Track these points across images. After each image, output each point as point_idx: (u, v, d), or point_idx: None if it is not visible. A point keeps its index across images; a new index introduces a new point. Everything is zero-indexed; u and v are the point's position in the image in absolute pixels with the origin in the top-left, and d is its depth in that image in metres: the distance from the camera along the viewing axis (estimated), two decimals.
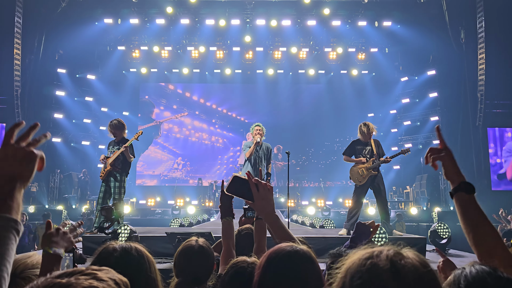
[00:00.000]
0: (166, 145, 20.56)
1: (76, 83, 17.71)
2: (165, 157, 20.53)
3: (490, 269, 1.15)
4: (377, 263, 0.85)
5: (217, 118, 20.77)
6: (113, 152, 6.92)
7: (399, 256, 0.86)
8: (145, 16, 17.02)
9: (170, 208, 15.32)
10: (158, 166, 20.42)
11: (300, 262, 1.30)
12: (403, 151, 7.12)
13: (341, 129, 19.29)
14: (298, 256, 1.32)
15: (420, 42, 16.44)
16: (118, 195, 6.77)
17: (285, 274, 1.28)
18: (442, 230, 7.31)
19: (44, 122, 16.55)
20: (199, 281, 2.18)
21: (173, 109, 20.62)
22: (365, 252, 0.90)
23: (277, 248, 1.36)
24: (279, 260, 1.30)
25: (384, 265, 0.84)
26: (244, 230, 3.16)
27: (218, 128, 20.58)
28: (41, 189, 15.12)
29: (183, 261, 2.23)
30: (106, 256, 1.48)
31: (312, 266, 1.32)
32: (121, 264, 1.38)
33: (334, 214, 14.70)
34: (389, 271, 0.83)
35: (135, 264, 1.45)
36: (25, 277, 1.49)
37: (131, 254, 1.47)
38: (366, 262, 0.86)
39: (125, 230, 6.04)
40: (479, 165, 15.25)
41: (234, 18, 17.05)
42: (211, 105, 20.77)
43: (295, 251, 1.33)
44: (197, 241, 2.34)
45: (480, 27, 14.57)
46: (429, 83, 17.26)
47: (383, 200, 7.06)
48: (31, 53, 15.43)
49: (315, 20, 17.11)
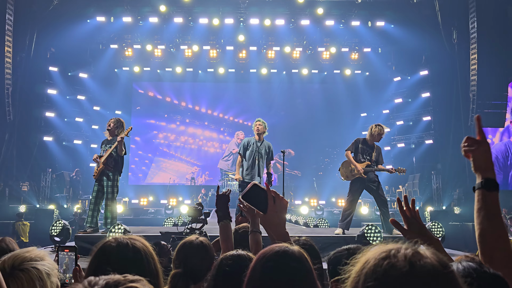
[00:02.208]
0: (183, 157, 20.47)
1: (68, 82, 17.54)
2: (185, 168, 20.45)
3: (477, 265, 1.17)
4: (394, 264, 0.80)
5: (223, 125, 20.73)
6: (105, 150, 6.89)
7: (418, 257, 0.82)
8: (138, 15, 16.91)
9: (163, 208, 15.27)
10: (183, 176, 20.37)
11: (288, 261, 1.30)
12: (400, 170, 7.11)
13: (334, 128, 19.33)
14: (287, 255, 1.31)
15: (413, 42, 16.52)
16: (111, 194, 6.73)
17: (273, 273, 1.28)
18: (436, 229, 7.36)
19: (36, 120, 16.42)
20: (197, 276, 2.17)
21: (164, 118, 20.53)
22: (381, 250, 0.85)
23: (267, 248, 1.37)
24: (267, 260, 1.30)
25: (403, 267, 0.79)
26: (241, 228, 3.20)
27: (227, 136, 20.57)
28: (32, 189, 14.99)
29: (182, 254, 2.25)
30: (105, 253, 1.45)
31: (301, 265, 1.31)
32: (120, 261, 1.38)
33: (327, 213, 14.74)
34: (408, 273, 0.79)
35: (136, 260, 1.41)
36: (24, 269, 1.50)
37: (130, 250, 1.43)
38: (383, 263, 0.81)
39: (119, 229, 6.00)
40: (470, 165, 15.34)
41: (228, 17, 17.01)
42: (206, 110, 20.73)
43: (284, 251, 1.33)
44: (198, 238, 2.36)
45: (472, 27, 14.67)
46: (421, 83, 17.36)
47: (382, 200, 7.07)
48: (22, 51, 15.26)
49: (308, 19, 17.13)
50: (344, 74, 19.16)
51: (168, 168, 20.34)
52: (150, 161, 20.35)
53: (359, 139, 7.33)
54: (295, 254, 1.33)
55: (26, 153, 15.58)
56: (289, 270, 1.28)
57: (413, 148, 17.47)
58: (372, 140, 7.21)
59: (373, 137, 7.16)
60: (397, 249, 0.84)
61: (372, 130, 7.16)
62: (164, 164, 20.43)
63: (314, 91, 20.24)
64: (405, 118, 18.00)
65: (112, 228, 6.04)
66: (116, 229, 5.99)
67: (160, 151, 20.48)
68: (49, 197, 15.06)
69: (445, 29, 15.69)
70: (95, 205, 6.80)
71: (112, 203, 6.72)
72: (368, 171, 7.04)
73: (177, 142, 20.54)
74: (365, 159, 7.13)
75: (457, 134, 15.75)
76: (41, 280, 1.51)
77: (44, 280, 1.52)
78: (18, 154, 15.24)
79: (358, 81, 19.37)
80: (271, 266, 1.28)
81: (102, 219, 7.07)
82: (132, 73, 19.10)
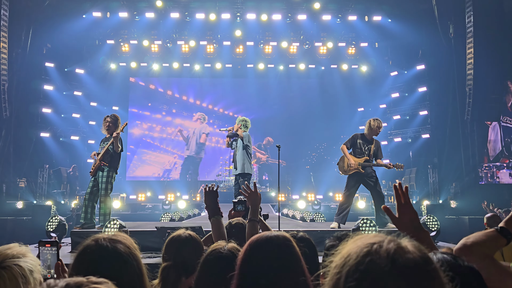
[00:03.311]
0: (169, 148, 20.38)
1: (64, 77, 17.47)
2: (171, 159, 20.38)
3: (451, 257, 1.19)
4: (376, 262, 0.78)
5: (214, 118, 20.67)
6: (103, 148, 6.90)
7: (400, 252, 0.80)
8: (134, 10, 16.85)
9: (161, 203, 15.28)
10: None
11: (273, 247, 1.39)
12: (398, 166, 7.16)
13: (332, 123, 19.35)
14: (271, 241, 1.41)
15: (410, 36, 16.51)
16: (105, 190, 6.74)
17: (263, 256, 1.37)
18: (431, 223, 7.40)
19: (32, 116, 16.37)
20: (188, 268, 2.19)
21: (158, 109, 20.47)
22: (363, 245, 0.83)
23: (258, 235, 1.46)
24: (258, 244, 1.40)
25: (385, 265, 0.78)
26: (234, 221, 3.24)
27: (216, 128, 20.40)
28: (29, 185, 14.98)
29: (171, 248, 2.27)
30: (87, 253, 1.44)
31: (289, 249, 1.40)
32: (104, 260, 1.38)
33: (325, 208, 14.78)
34: (390, 271, 0.77)
35: (119, 259, 1.40)
36: (6, 266, 1.47)
37: (111, 250, 1.42)
38: (365, 260, 0.79)
39: (114, 225, 6.01)
40: (467, 160, 15.42)
41: (225, 12, 16.97)
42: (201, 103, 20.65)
43: (267, 237, 1.43)
44: (185, 232, 2.38)
45: (468, 21, 14.68)
46: (418, 77, 17.38)
47: (378, 194, 7.09)
48: (18, 46, 15.19)
49: (305, 14, 17.10)
50: (341, 69, 19.14)
51: (152, 161, 20.20)
52: (132, 153, 20.13)
53: (357, 134, 7.34)
54: (279, 239, 1.40)
55: (23, 149, 15.55)
56: (273, 255, 1.36)
57: (410, 142, 17.50)
58: (371, 134, 7.23)
59: (372, 131, 7.17)
60: (380, 244, 0.82)
61: (371, 124, 7.17)
62: (148, 157, 20.23)
63: (311, 86, 20.22)
64: (402, 113, 18.03)
65: (108, 223, 6.05)
66: (111, 225, 6.00)
67: (143, 142, 20.22)
68: (46, 193, 15.05)
69: (442, 23, 15.68)
70: (89, 201, 6.80)
71: (106, 199, 6.73)
72: (366, 165, 7.06)
73: (163, 133, 20.42)
74: (363, 154, 7.14)
75: (453, 128, 15.80)
76: (24, 277, 1.48)
77: (27, 277, 1.49)
78: (15, 151, 15.22)
79: (355, 75, 19.37)
80: (261, 249, 1.38)
81: (98, 215, 7.08)
82: (129, 69, 19.03)
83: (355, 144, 7.23)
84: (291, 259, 1.38)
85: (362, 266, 0.78)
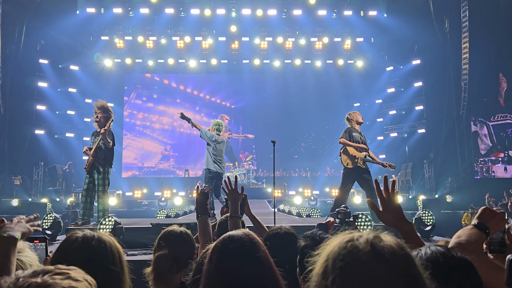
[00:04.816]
0: (155, 135, 20.37)
1: (58, 74, 17.34)
2: (157, 148, 20.39)
3: (444, 249, 1.21)
4: (357, 246, 0.89)
5: (201, 106, 20.63)
6: (94, 142, 6.83)
7: (378, 239, 0.90)
8: (128, 5, 16.74)
9: (157, 200, 15.26)
10: (151, 158, 20.29)
11: (233, 246, 1.43)
12: (391, 166, 7.18)
13: (327, 119, 19.35)
14: (231, 240, 1.44)
15: (405, 31, 16.50)
16: (101, 186, 6.68)
17: (227, 256, 1.41)
18: (427, 217, 7.42)
19: (27, 113, 16.27)
20: (180, 261, 2.20)
21: (154, 99, 20.46)
22: (344, 237, 0.93)
23: (225, 234, 1.50)
24: (222, 243, 1.44)
25: (364, 247, 0.88)
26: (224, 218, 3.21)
27: (204, 117, 20.33)
28: (25, 182, 14.91)
29: (165, 241, 2.28)
30: (67, 246, 1.47)
31: (243, 248, 1.43)
32: (81, 256, 1.39)
33: (321, 203, 14.81)
34: (370, 252, 0.87)
35: (97, 255, 1.42)
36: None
37: (92, 245, 1.44)
38: (347, 245, 0.90)
39: (109, 222, 5.98)
40: (462, 154, 15.47)
41: (220, 8, 16.88)
42: (192, 91, 20.64)
43: (229, 236, 1.47)
44: (179, 228, 2.40)
45: (464, 16, 14.68)
46: (414, 72, 17.39)
47: (373, 189, 7.07)
48: (11, 43, 15.07)
49: (301, 9, 17.05)
50: (337, 64, 19.11)
51: (133, 146, 20.29)
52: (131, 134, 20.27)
53: (349, 128, 7.29)
54: (242, 239, 1.44)
55: (17, 146, 15.46)
56: (234, 253, 1.41)
57: (406, 137, 17.54)
58: (358, 126, 7.23)
59: (354, 121, 7.18)
60: (360, 235, 0.93)
61: (349, 118, 7.21)
62: (129, 142, 20.29)
63: (307, 81, 20.17)
64: (397, 108, 18.04)
65: (103, 220, 6.02)
66: (106, 222, 5.97)
67: (128, 127, 20.24)
68: (41, 190, 15.00)
69: (437, 18, 15.68)
70: (86, 198, 6.76)
71: (103, 196, 6.68)
72: (366, 161, 7.04)
73: (147, 121, 20.46)
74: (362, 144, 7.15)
75: (449, 123, 15.83)
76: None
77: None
78: (9, 148, 15.13)
79: (350, 71, 19.35)
80: (220, 251, 1.42)
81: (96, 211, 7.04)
82: (123, 65, 18.90)
83: (352, 136, 7.18)
84: (255, 258, 1.41)
85: (345, 250, 0.89)
